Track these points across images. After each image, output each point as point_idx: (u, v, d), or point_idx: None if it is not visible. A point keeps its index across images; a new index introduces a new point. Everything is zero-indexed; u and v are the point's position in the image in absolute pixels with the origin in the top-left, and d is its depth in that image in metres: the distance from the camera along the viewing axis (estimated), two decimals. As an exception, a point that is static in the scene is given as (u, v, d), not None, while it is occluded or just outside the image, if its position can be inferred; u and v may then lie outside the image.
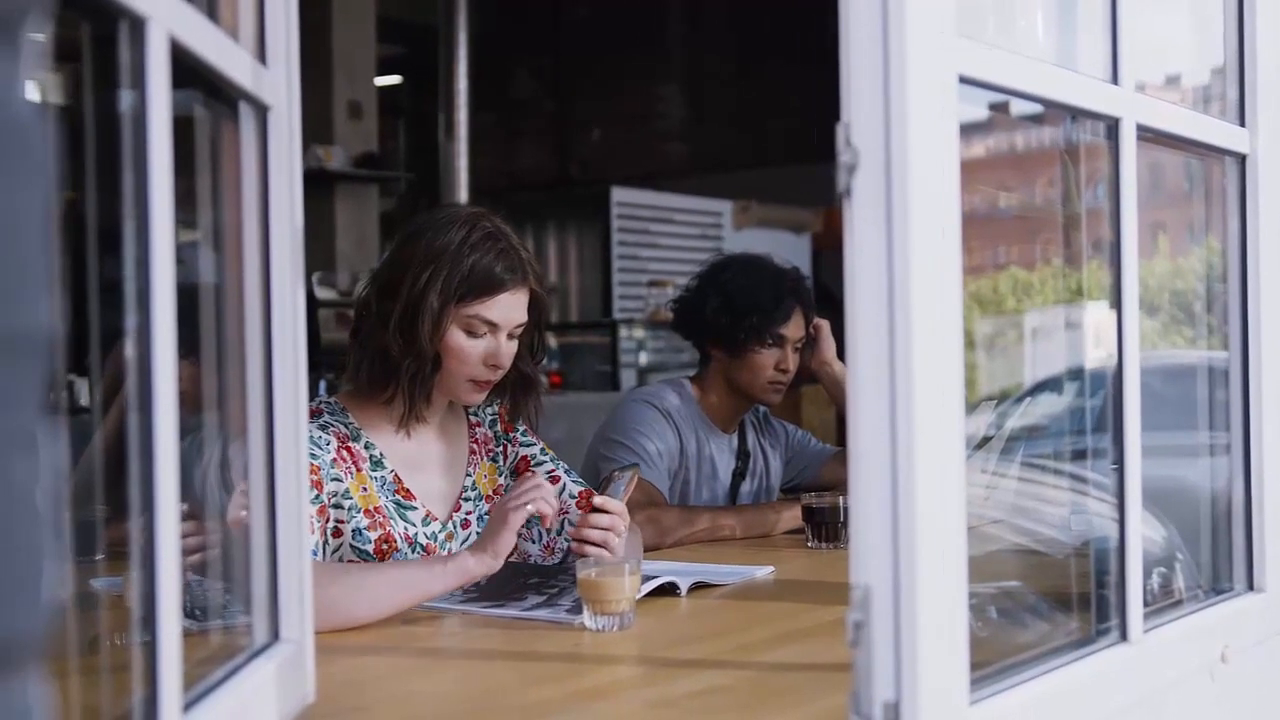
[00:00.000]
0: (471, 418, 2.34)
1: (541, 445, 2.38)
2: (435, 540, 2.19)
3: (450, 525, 2.23)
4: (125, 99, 0.98)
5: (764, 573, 2.29)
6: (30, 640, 0.49)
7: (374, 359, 2.14)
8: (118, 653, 1.38)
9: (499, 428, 2.36)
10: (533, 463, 2.34)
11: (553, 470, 2.33)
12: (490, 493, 2.30)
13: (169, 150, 0.99)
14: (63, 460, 0.52)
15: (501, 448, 2.35)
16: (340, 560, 2.11)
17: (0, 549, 0.47)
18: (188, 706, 1.04)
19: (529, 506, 1.94)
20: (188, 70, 1.07)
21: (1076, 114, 1.50)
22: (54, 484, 0.50)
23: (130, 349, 0.97)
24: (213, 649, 1.33)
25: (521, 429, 2.38)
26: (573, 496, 2.30)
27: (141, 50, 0.96)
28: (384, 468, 2.17)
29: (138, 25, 0.96)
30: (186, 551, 1.39)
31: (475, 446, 2.32)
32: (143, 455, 0.97)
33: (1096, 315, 1.84)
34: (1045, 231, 2.10)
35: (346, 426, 2.16)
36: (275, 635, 1.32)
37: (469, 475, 2.29)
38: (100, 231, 1.02)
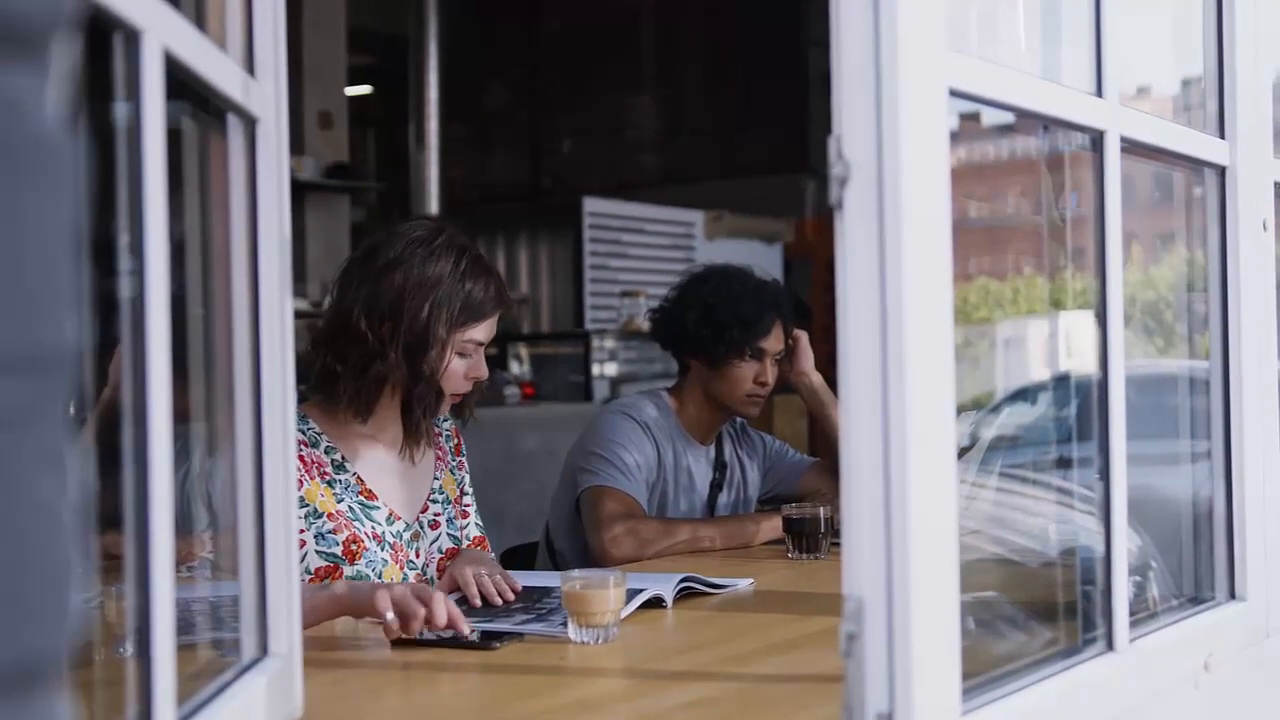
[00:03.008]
0: (433, 425, 2.40)
1: (469, 478, 2.48)
2: (401, 539, 2.25)
3: (417, 525, 2.29)
4: (119, 110, 0.97)
5: (744, 584, 2.29)
6: (59, 657, 0.48)
7: (371, 386, 2.19)
8: (102, 667, 1.37)
9: (451, 445, 2.44)
10: (464, 490, 2.44)
11: (468, 506, 2.43)
12: (453, 499, 2.38)
13: (163, 162, 0.98)
14: (88, 476, 0.52)
15: (456, 463, 2.44)
16: (306, 572, 2.12)
17: (30, 566, 0.46)
18: (181, 723, 1.03)
19: (389, 616, 1.78)
20: (176, 82, 1.06)
21: (1063, 126, 1.51)
22: (79, 500, 0.50)
23: (124, 361, 0.97)
24: (199, 664, 1.32)
25: (463, 455, 2.47)
26: (468, 539, 2.38)
27: (136, 62, 0.96)
28: (347, 471, 2.22)
29: (132, 37, 0.95)
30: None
31: (440, 453, 2.39)
32: (137, 469, 0.96)
33: (1069, 325, 1.85)
34: (1017, 241, 2.12)
35: (305, 432, 2.18)
36: (264, 650, 1.31)
37: (436, 479, 2.36)
38: (90, 243, 1.01)
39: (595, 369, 7.20)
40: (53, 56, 0.50)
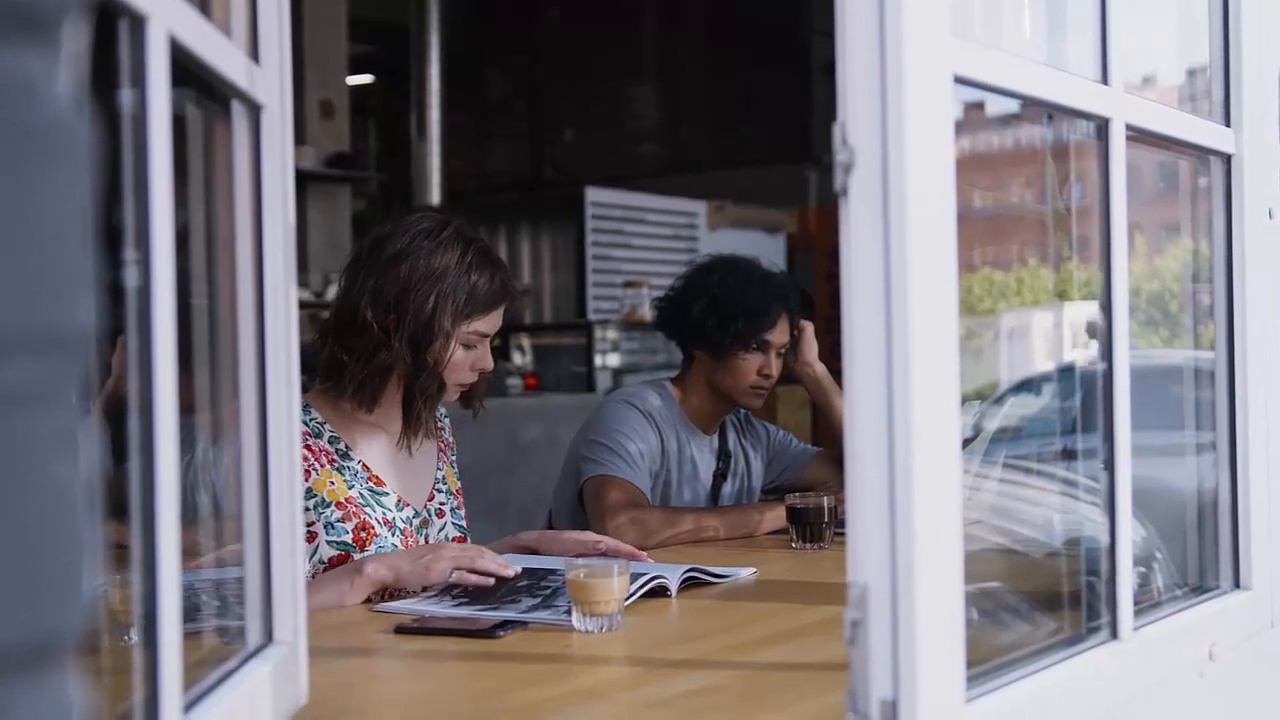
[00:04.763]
0: (435, 417, 2.41)
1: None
2: (410, 525, 2.25)
3: (425, 513, 2.31)
4: (124, 97, 0.97)
5: (748, 574, 2.29)
6: (72, 638, 0.49)
7: (377, 376, 2.19)
8: (106, 655, 1.37)
9: (450, 440, 2.46)
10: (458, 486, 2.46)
11: (459, 505, 2.43)
12: (454, 490, 2.40)
13: (168, 149, 0.98)
14: (100, 458, 0.52)
15: (454, 458, 2.45)
16: (320, 563, 2.12)
17: (45, 547, 0.46)
18: (187, 708, 1.03)
19: (453, 575, 2.00)
20: (180, 68, 1.06)
21: (1068, 114, 1.51)
22: (92, 482, 0.50)
23: (130, 349, 0.97)
24: (204, 650, 1.32)
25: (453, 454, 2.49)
26: (446, 539, 2.37)
27: (141, 48, 0.95)
28: (352, 459, 2.22)
29: (138, 23, 0.95)
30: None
31: (442, 445, 2.41)
32: (143, 457, 0.96)
33: (1074, 315, 1.85)
34: (1020, 232, 2.11)
35: (307, 423, 2.19)
36: (269, 637, 1.31)
37: (439, 469, 2.38)
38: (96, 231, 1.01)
39: (597, 359, 7.20)
40: (64, 39, 0.50)
